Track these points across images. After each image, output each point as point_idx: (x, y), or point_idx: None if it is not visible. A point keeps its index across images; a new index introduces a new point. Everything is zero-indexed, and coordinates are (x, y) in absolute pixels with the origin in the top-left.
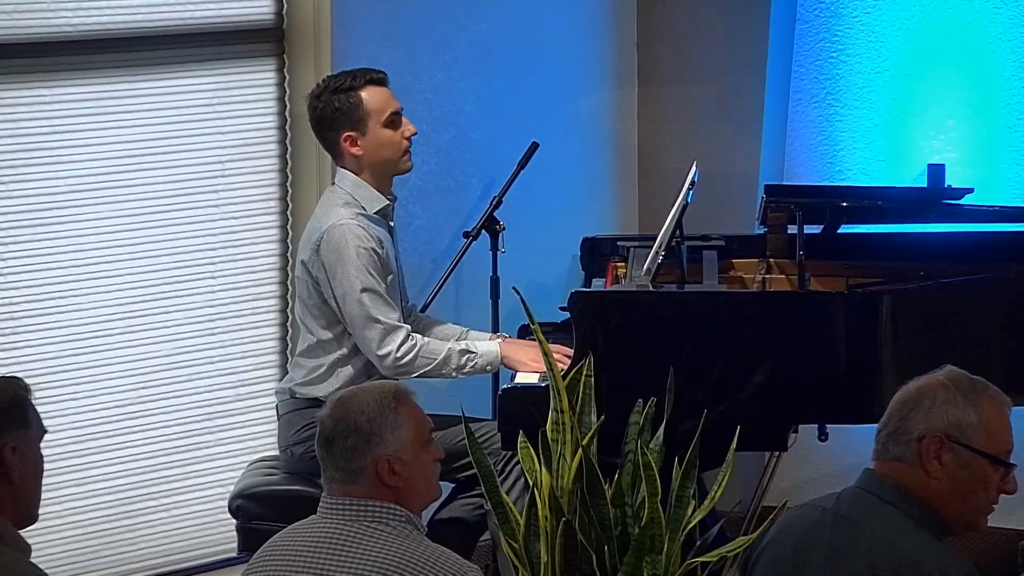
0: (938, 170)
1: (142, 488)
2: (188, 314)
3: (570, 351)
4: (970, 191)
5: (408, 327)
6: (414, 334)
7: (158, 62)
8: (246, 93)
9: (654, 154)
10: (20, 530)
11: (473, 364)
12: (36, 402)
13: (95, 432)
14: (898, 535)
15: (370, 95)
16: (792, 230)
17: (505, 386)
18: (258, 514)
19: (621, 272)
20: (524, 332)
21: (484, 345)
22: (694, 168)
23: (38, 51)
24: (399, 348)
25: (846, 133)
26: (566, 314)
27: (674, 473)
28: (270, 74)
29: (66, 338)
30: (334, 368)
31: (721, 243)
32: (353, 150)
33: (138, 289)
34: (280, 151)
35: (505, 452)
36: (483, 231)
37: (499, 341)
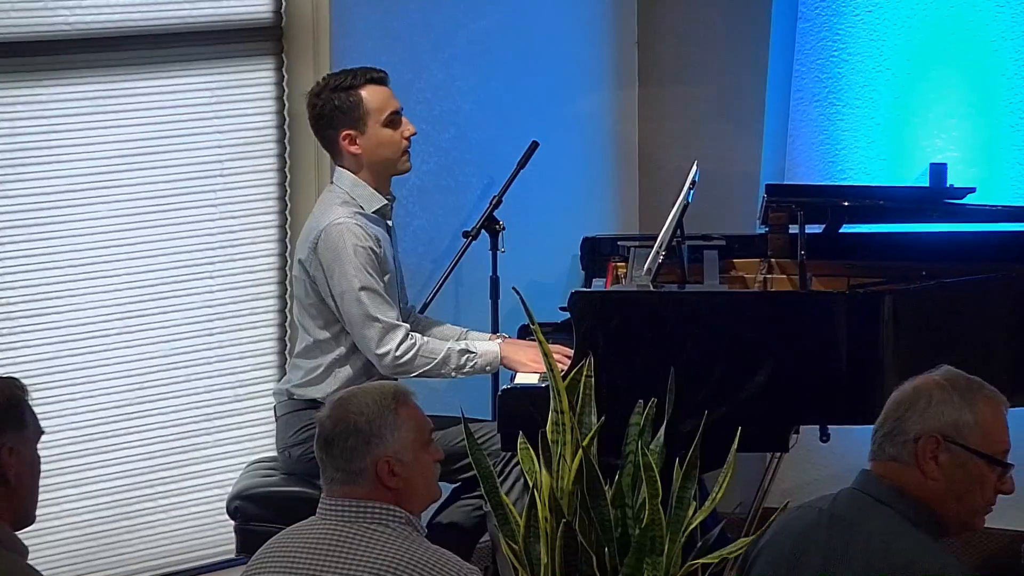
0: (940, 169)
1: (140, 489)
2: (186, 314)
3: (570, 351)
4: (972, 190)
5: (407, 326)
6: (413, 333)
7: (155, 61)
8: (244, 92)
9: (655, 153)
10: (17, 531)
11: (473, 364)
12: (33, 402)
13: (93, 433)
14: (894, 536)
15: (370, 94)
16: (793, 230)
17: (505, 387)
18: (256, 515)
19: (621, 272)
20: (524, 332)
21: (484, 345)
22: (695, 167)
23: (35, 49)
24: (398, 347)
25: (848, 132)
26: (566, 314)
27: (675, 474)
28: (268, 73)
29: (63, 338)
30: (332, 369)
31: (722, 243)
32: (352, 149)
33: (136, 289)
34: (279, 150)
35: (505, 453)
36: (483, 231)
37: (499, 341)
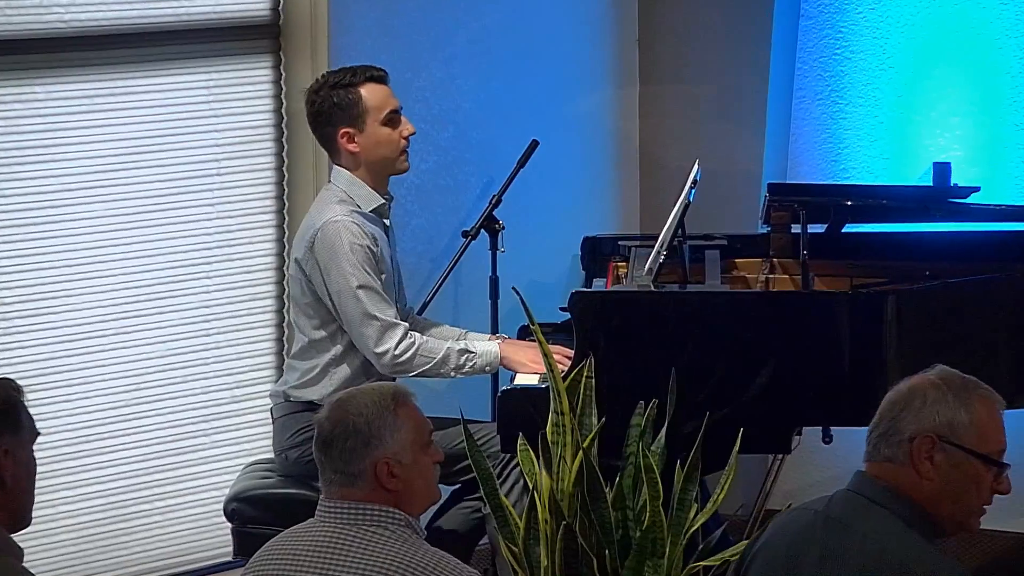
0: (944, 168)
1: (137, 491)
2: (183, 314)
3: (570, 352)
4: (976, 190)
5: (406, 324)
6: (413, 332)
7: (153, 58)
8: (242, 90)
9: (656, 152)
10: (12, 534)
11: (472, 364)
12: (29, 404)
13: (89, 435)
14: (889, 537)
15: (369, 92)
16: (796, 229)
17: (505, 387)
18: (253, 517)
19: (622, 272)
20: (524, 332)
21: (483, 345)
22: (696, 167)
23: (31, 47)
24: (397, 345)
25: (850, 131)
26: (566, 314)
27: (676, 476)
28: (266, 71)
29: (59, 339)
30: (328, 369)
31: (724, 242)
32: (350, 147)
33: (132, 289)
34: (276, 149)
35: (504, 455)
36: (482, 230)
37: (499, 342)
